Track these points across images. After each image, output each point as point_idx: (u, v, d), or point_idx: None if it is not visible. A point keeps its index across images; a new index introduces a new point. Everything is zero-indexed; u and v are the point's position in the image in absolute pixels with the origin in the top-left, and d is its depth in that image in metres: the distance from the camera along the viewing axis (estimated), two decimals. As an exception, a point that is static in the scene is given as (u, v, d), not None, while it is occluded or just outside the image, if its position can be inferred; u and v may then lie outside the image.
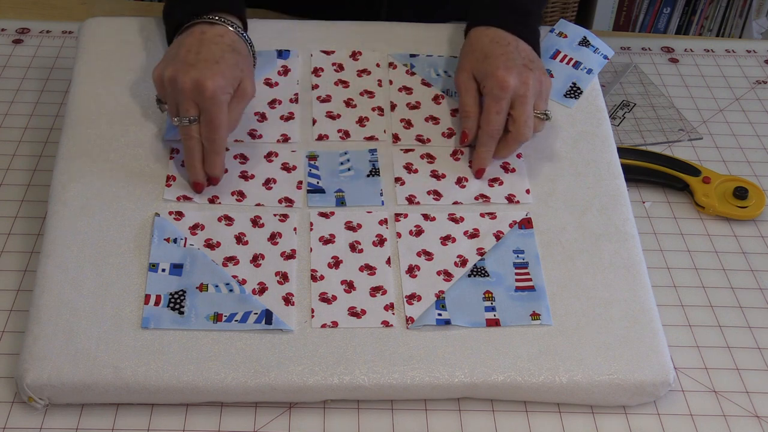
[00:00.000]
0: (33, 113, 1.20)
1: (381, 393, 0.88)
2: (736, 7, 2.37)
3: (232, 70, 0.98)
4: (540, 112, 1.04)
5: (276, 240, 0.97)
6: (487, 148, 1.03)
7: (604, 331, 0.91)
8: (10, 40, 1.33)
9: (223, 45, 1.00)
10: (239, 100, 1.00)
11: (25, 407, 0.88)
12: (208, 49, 0.99)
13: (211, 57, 0.98)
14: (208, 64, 0.97)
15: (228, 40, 1.01)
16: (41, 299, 0.90)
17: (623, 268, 0.96)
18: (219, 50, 0.99)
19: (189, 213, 0.98)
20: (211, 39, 1.01)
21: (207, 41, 1.00)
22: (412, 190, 1.02)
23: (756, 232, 1.10)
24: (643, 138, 1.22)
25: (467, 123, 1.05)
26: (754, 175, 1.17)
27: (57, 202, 0.98)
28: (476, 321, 0.92)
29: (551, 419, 0.90)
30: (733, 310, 1.01)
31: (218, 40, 1.01)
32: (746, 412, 0.91)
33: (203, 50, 0.99)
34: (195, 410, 0.88)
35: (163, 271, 0.93)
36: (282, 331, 0.90)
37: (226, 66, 0.98)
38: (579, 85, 1.12)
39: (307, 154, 1.05)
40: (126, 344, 0.88)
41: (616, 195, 1.03)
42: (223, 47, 1.00)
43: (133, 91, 1.09)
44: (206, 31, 1.01)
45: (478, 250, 0.97)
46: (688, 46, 1.40)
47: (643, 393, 0.89)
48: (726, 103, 1.29)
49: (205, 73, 0.96)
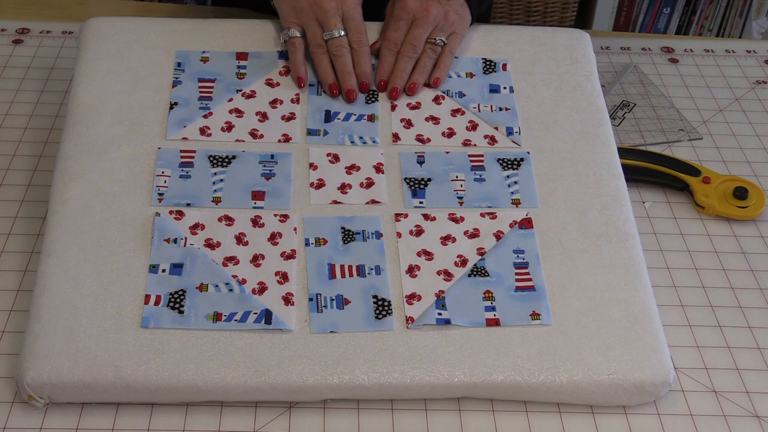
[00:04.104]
0: (33, 113, 1.20)
1: (381, 392, 0.88)
2: (736, 7, 2.38)
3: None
4: (434, 38, 1.13)
5: (276, 240, 0.97)
6: (387, 60, 1.13)
7: (604, 331, 0.91)
8: (10, 40, 1.33)
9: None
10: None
11: (26, 407, 0.88)
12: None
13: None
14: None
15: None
16: (42, 298, 0.90)
17: (623, 268, 0.96)
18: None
19: (189, 213, 0.98)
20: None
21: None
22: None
23: (756, 232, 1.10)
24: (643, 138, 1.22)
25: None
26: (754, 175, 1.18)
27: (57, 202, 0.98)
28: (476, 321, 0.92)
29: (551, 419, 0.90)
30: (733, 310, 1.01)
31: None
32: (746, 412, 0.92)
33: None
34: (195, 410, 0.88)
35: (163, 271, 0.93)
36: (282, 330, 0.90)
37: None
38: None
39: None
40: (126, 343, 0.88)
41: (616, 195, 1.03)
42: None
43: (133, 91, 1.09)
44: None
45: (479, 250, 0.97)
46: (688, 46, 1.40)
47: (643, 393, 0.89)
48: (726, 103, 1.29)
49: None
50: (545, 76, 1.15)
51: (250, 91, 1.11)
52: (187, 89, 1.10)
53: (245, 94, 1.11)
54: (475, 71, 1.15)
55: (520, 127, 1.09)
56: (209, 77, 1.11)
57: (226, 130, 1.07)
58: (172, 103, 1.08)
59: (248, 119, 1.08)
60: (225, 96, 1.10)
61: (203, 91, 1.10)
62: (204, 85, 1.11)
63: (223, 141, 1.06)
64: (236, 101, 1.10)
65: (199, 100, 1.09)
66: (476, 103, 1.12)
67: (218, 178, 1.02)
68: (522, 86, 1.14)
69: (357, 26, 1.13)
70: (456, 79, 1.14)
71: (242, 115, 1.08)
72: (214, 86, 1.11)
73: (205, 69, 1.12)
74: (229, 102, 1.10)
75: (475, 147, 1.07)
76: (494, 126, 1.09)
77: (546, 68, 1.16)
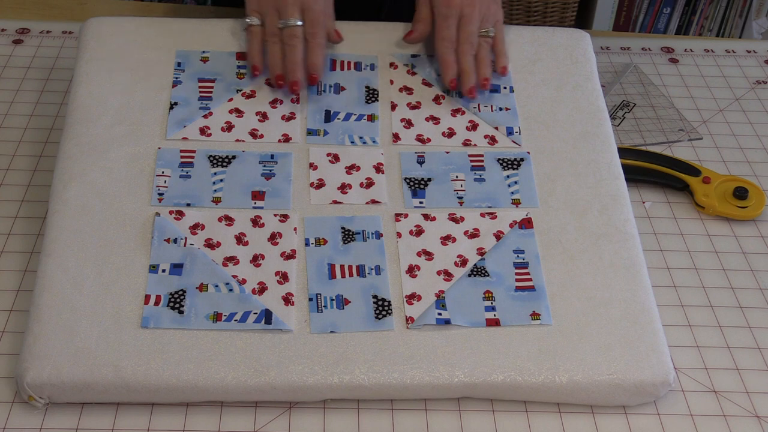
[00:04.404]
0: (33, 113, 1.20)
1: (381, 392, 0.88)
2: (736, 7, 2.37)
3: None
4: (485, 29, 1.12)
5: (276, 240, 0.97)
6: (449, 59, 1.11)
7: (604, 331, 0.91)
8: (10, 40, 1.33)
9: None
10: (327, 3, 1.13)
11: (26, 407, 0.88)
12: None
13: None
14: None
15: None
16: (42, 298, 0.90)
17: (623, 268, 0.96)
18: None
19: (189, 213, 0.98)
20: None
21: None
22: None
23: (756, 232, 1.10)
24: (643, 138, 1.22)
25: (416, 25, 1.14)
26: (754, 175, 1.18)
27: (58, 202, 0.98)
28: (476, 321, 0.92)
29: (551, 419, 0.90)
30: (733, 310, 1.01)
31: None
32: (746, 412, 0.92)
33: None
34: (195, 410, 0.88)
35: (163, 271, 0.93)
36: (282, 330, 0.90)
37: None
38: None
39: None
40: (126, 343, 0.88)
41: (617, 195, 1.03)
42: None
43: (133, 91, 1.09)
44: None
45: (479, 250, 0.97)
46: (688, 46, 1.40)
47: (643, 393, 0.89)
48: (726, 103, 1.29)
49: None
50: (545, 76, 1.15)
51: (250, 91, 1.11)
52: (187, 89, 1.10)
53: (245, 94, 1.11)
54: (475, 71, 1.15)
55: (520, 127, 1.09)
56: (209, 77, 1.12)
57: (226, 130, 1.07)
58: (172, 103, 1.08)
59: (248, 119, 1.08)
60: (225, 96, 1.10)
61: (203, 91, 1.10)
62: (204, 85, 1.11)
63: (223, 141, 1.06)
64: (236, 101, 1.10)
65: (199, 100, 1.09)
66: (476, 103, 1.12)
67: (218, 178, 1.02)
68: (522, 86, 1.14)
69: (314, 18, 1.10)
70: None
71: (242, 115, 1.08)
72: (214, 86, 1.11)
73: (205, 69, 1.12)
74: (229, 102, 1.10)
75: (475, 147, 1.07)
76: (494, 126, 1.09)
77: (546, 68, 1.16)
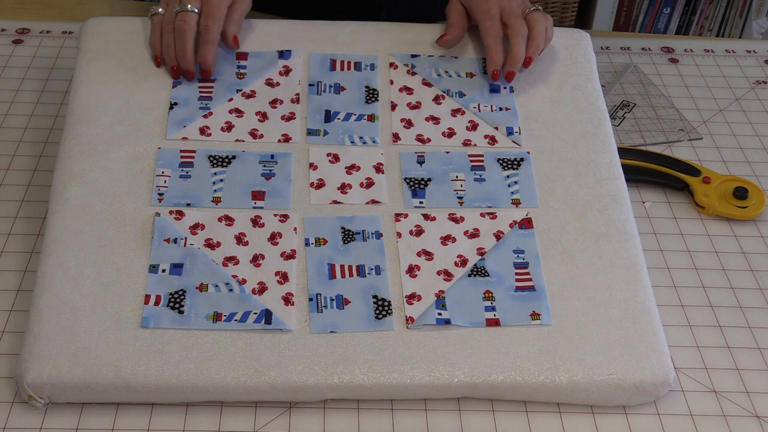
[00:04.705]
0: (33, 113, 1.20)
1: (381, 392, 0.88)
2: (736, 7, 2.38)
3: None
4: (531, 8, 1.12)
5: (276, 240, 0.97)
6: (496, 49, 1.11)
7: (604, 331, 0.91)
8: (10, 40, 1.33)
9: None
10: (240, 3, 1.11)
11: (26, 407, 0.88)
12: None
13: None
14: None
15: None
16: (42, 298, 0.90)
17: (623, 268, 0.96)
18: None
19: (189, 213, 0.98)
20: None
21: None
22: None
23: (756, 232, 1.10)
24: (643, 138, 1.22)
25: (450, 29, 1.15)
26: (754, 175, 1.18)
27: (57, 202, 0.98)
28: (476, 321, 0.92)
29: (551, 419, 0.90)
30: (733, 310, 1.01)
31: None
32: (746, 412, 0.92)
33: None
34: (195, 410, 0.88)
35: (163, 271, 0.93)
36: (282, 330, 0.90)
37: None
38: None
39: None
40: (126, 343, 0.88)
41: (617, 195, 1.03)
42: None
43: (133, 91, 1.09)
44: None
45: (479, 250, 0.97)
46: (688, 46, 1.40)
47: (643, 393, 0.89)
48: (726, 103, 1.29)
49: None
50: (545, 75, 1.15)
51: (250, 91, 1.11)
52: (187, 89, 1.10)
53: (245, 94, 1.11)
54: (475, 71, 1.15)
55: (520, 127, 1.09)
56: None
57: (226, 130, 1.07)
58: (172, 103, 1.08)
59: (248, 119, 1.08)
60: (225, 96, 1.10)
61: (203, 91, 1.10)
62: (204, 85, 1.11)
63: (223, 141, 1.06)
64: (236, 101, 1.10)
65: (199, 100, 1.09)
66: (476, 103, 1.12)
67: (218, 178, 1.02)
68: (522, 86, 1.14)
69: (210, 10, 1.08)
70: (456, 79, 1.14)
71: (242, 115, 1.08)
72: (214, 86, 1.11)
73: (205, 69, 1.12)
74: (229, 102, 1.10)
75: (475, 147, 1.07)
76: (494, 126, 1.09)
77: (546, 68, 1.16)
